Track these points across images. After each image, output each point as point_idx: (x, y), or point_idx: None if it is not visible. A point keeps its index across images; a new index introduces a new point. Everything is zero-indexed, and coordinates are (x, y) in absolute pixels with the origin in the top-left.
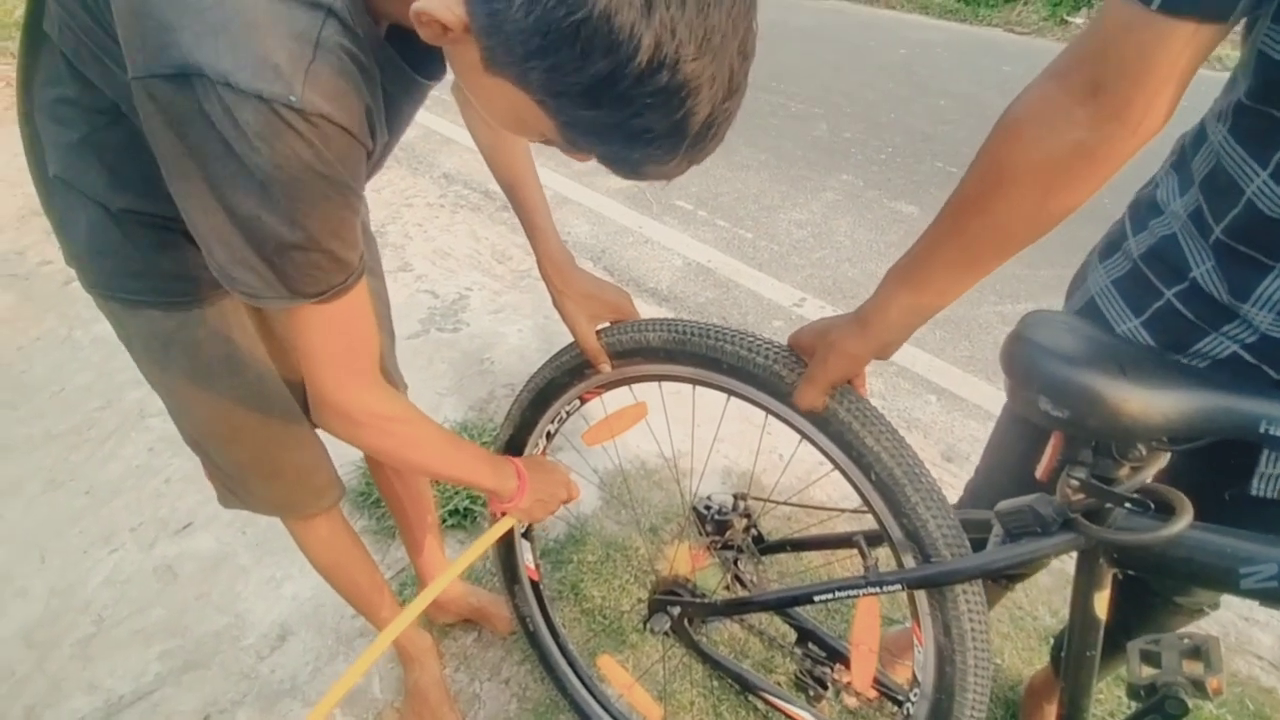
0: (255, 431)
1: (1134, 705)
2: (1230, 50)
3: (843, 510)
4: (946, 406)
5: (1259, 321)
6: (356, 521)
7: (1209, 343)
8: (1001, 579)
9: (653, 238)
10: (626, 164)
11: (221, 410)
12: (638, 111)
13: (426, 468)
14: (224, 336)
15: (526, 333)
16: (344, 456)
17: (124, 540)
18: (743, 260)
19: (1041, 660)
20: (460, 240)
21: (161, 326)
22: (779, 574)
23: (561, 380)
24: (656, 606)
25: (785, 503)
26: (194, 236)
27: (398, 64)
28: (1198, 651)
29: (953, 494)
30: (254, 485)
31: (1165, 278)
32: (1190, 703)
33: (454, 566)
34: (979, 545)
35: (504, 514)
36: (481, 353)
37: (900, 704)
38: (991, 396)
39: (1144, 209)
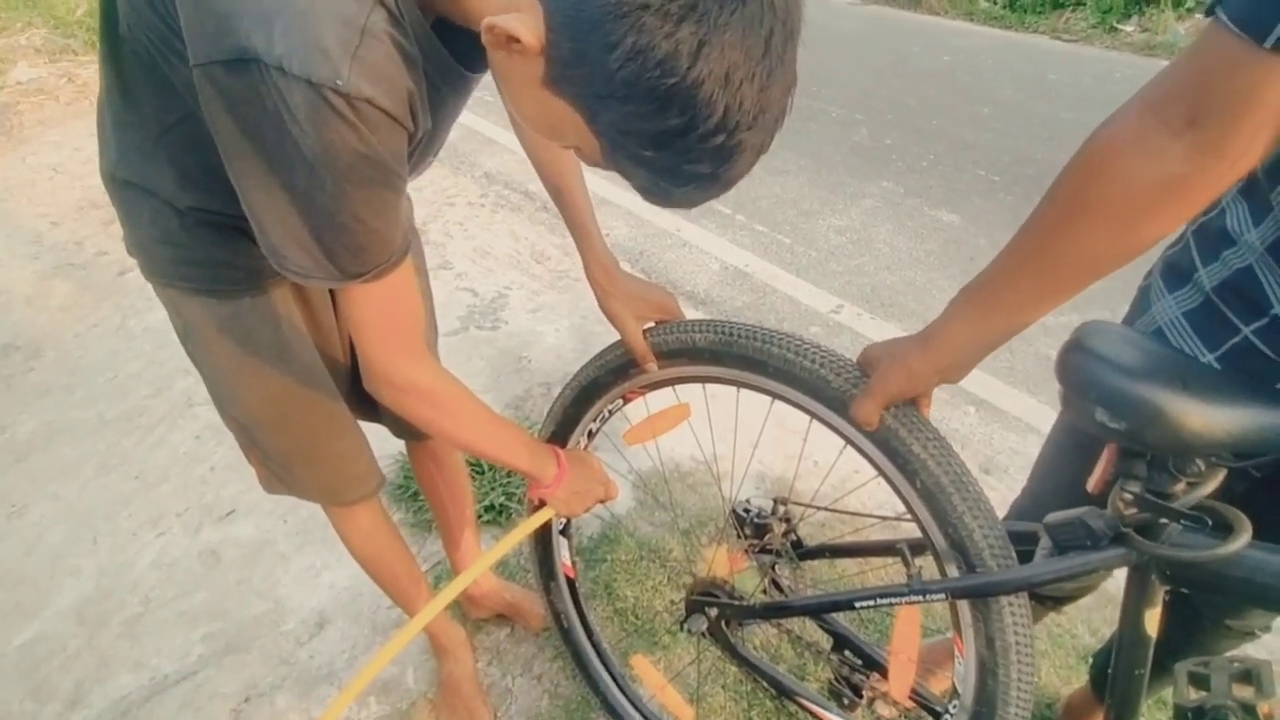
0: (300, 417)
1: None
2: None
3: (883, 518)
4: (985, 418)
5: None
6: (394, 514)
7: None
8: (1049, 601)
9: (691, 241)
10: (663, 195)
11: (269, 396)
12: (692, 160)
13: (467, 442)
14: (274, 325)
15: (564, 332)
16: (384, 450)
17: (171, 524)
18: (780, 265)
19: (1080, 679)
20: (500, 239)
21: (216, 313)
22: (814, 582)
23: (605, 379)
24: (694, 607)
25: (826, 508)
26: (249, 217)
27: (442, 55)
28: (1249, 675)
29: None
30: (297, 470)
31: (1243, 313)
32: None
33: (489, 554)
34: (1025, 558)
35: (541, 504)
36: (519, 351)
37: (938, 716)
38: (1032, 409)
39: (1213, 237)
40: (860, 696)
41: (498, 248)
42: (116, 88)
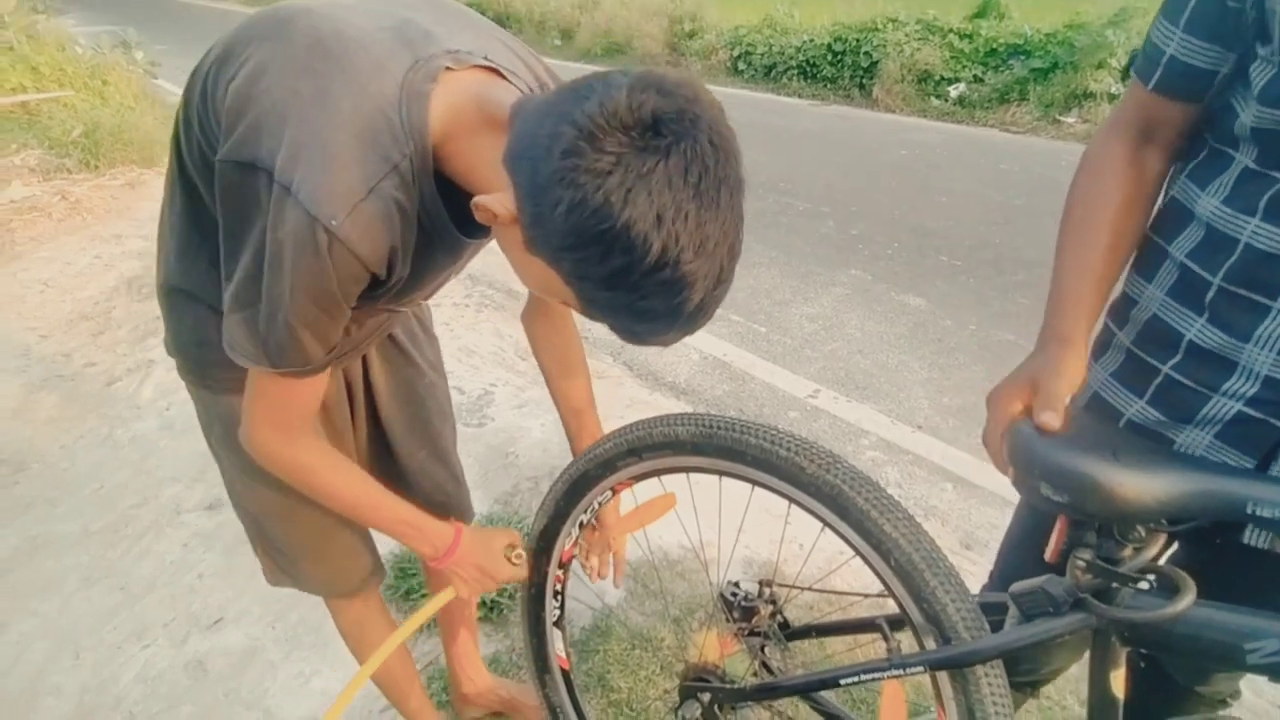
0: (310, 511)
1: None
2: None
3: (863, 595)
4: (963, 494)
5: (1259, 364)
6: None
7: (1213, 406)
8: (1026, 687)
9: None
10: (631, 333)
11: (283, 489)
12: (644, 296)
13: (345, 515)
14: None
15: (549, 427)
16: (383, 546)
17: (156, 636)
18: (757, 354)
19: None
20: (485, 338)
21: (240, 410)
22: (804, 662)
23: (594, 473)
24: (687, 693)
25: (809, 589)
26: (224, 294)
27: (443, 220)
28: None
29: (974, 581)
30: (303, 563)
31: (1159, 354)
32: None
33: (399, 632)
34: (999, 627)
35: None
36: (506, 447)
37: None
38: (1007, 484)
39: (1120, 308)
40: None
41: (483, 346)
42: (176, 201)
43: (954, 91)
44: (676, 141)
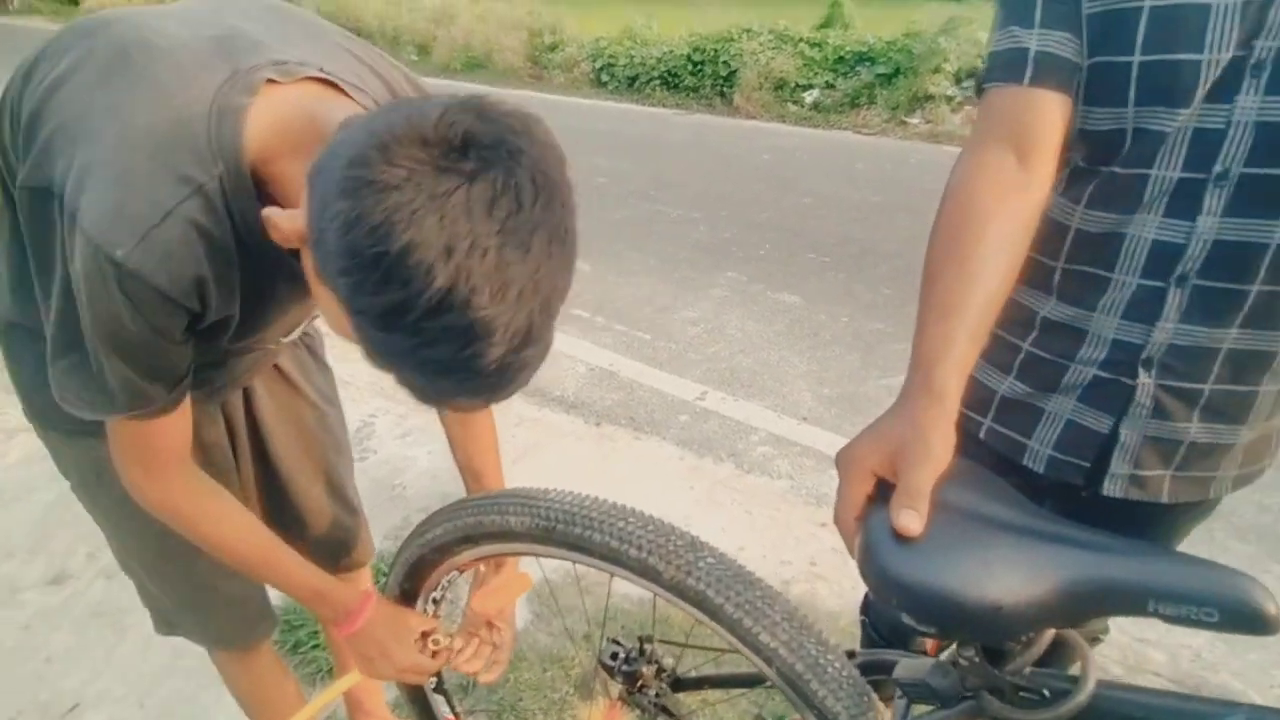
0: (184, 558)
1: None
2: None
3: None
4: None
5: (1105, 330)
6: None
7: (1071, 374)
8: None
9: (555, 347)
10: (417, 390)
11: (150, 537)
12: (427, 343)
13: (236, 568)
14: None
15: (437, 454)
16: (274, 593)
17: None
18: (644, 361)
19: None
20: (360, 367)
21: (96, 454)
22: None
23: (431, 557)
24: None
25: (694, 646)
26: (47, 339)
27: (273, 249)
28: None
29: None
30: (184, 613)
31: (1018, 333)
32: None
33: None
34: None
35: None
36: (392, 479)
37: None
38: None
39: None
40: None
41: (359, 375)
42: (3, 227)
43: (809, 97)
44: (485, 169)
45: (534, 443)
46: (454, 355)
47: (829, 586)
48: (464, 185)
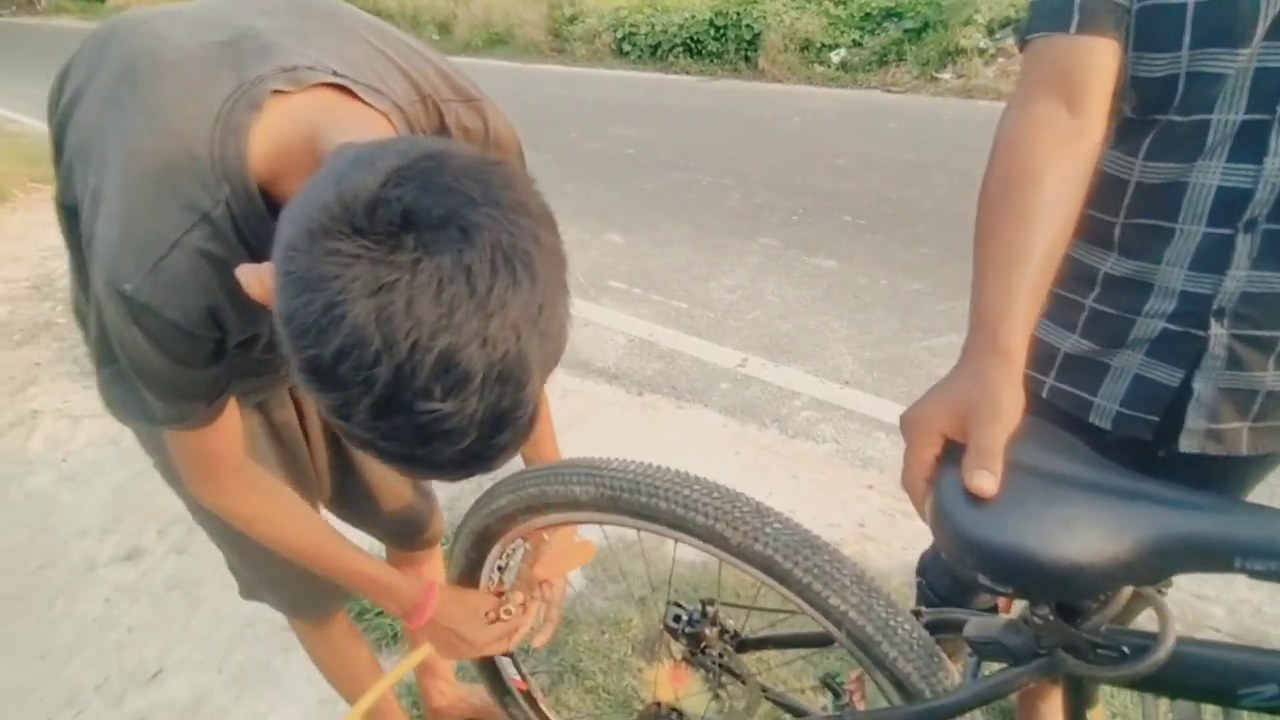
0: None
1: None
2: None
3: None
4: (896, 441)
5: (1173, 282)
6: None
7: (1139, 328)
8: None
9: (593, 320)
10: (394, 468)
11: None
12: (381, 437)
13: (298, 563)
14: None
15: None
16: None
17: (89, 700)
18: (681, 330)
19: None
20: None
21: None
22: (765, 663)
23: (496, 527)
24: None
25: (760, 608)
26: None
27: None
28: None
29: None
30: (263, 585)
31: (1080, 290)
32: None
33: (370, 693)
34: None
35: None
36: None
37: None
38: None
39: None
40: None
41: None
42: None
43: (836, 57)
44: (428, 254)
45: (578, 414)
46: (410, 451)
47: (878, 548)
48: (404, 277)
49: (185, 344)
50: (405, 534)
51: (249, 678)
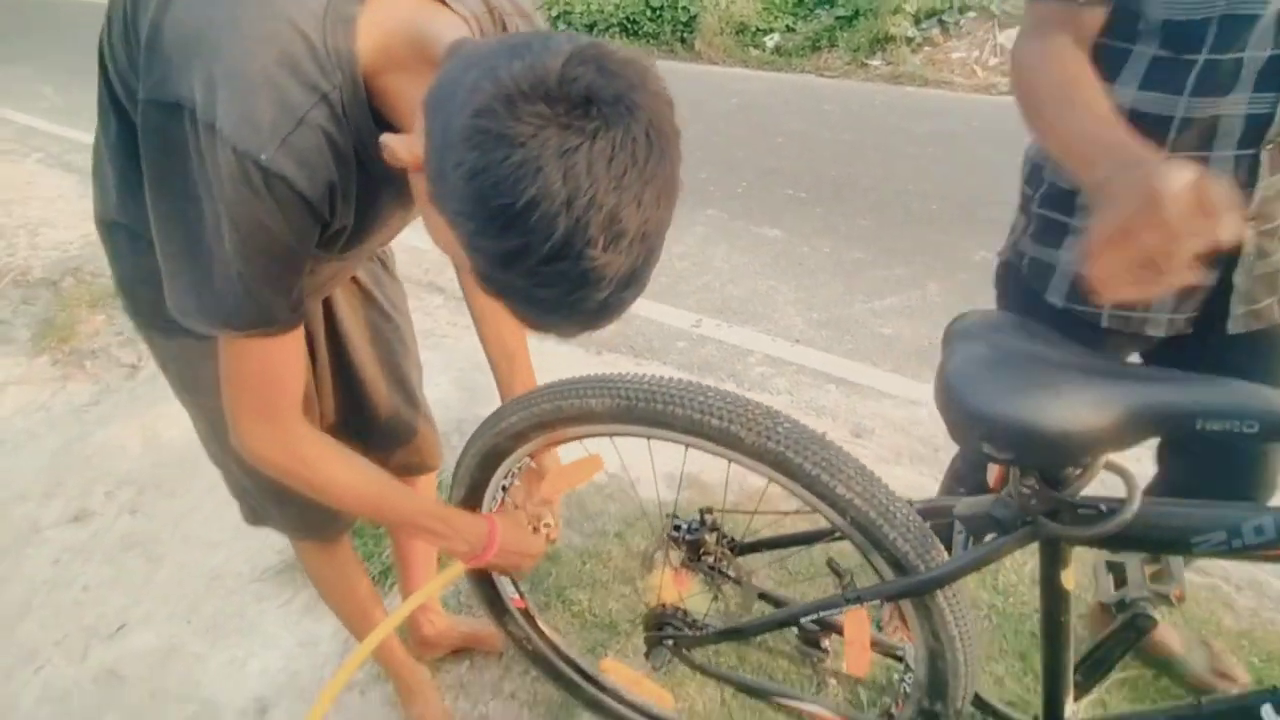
0: None
1: None
2: None
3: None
4: (845, 392)
5: None
6: None
7: None
8: None
9: None
10: (524, 319)
11: None
12: (541, 284)
13: (357, 515)
14: None
15: (445, 386)
16: None
17: (49, 655)
18: None
19: None
20: None
21: (194, 352)
22: (765, 563)
23: (505, 445)
24: (653, 642)
25: (752, 512)
26: (157, 247)
27: (379, 159)
28: (1157, 561)
29: (866, 459)
30: (270, 505)
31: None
32: (1157, 615)
33: (409, 603)
34: (945, 529)
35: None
36: None
37: (900, 659)
38: (879, 379)
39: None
40: (827, 652)
41: None
42: (110, 128)
43: (770, 41)
44: (606, 127)
45: (538, 371)
46: (563, 297)
47: None
48: (586, 143)
49: (306, 219)
50: (407, 458)
51: (222, 627)
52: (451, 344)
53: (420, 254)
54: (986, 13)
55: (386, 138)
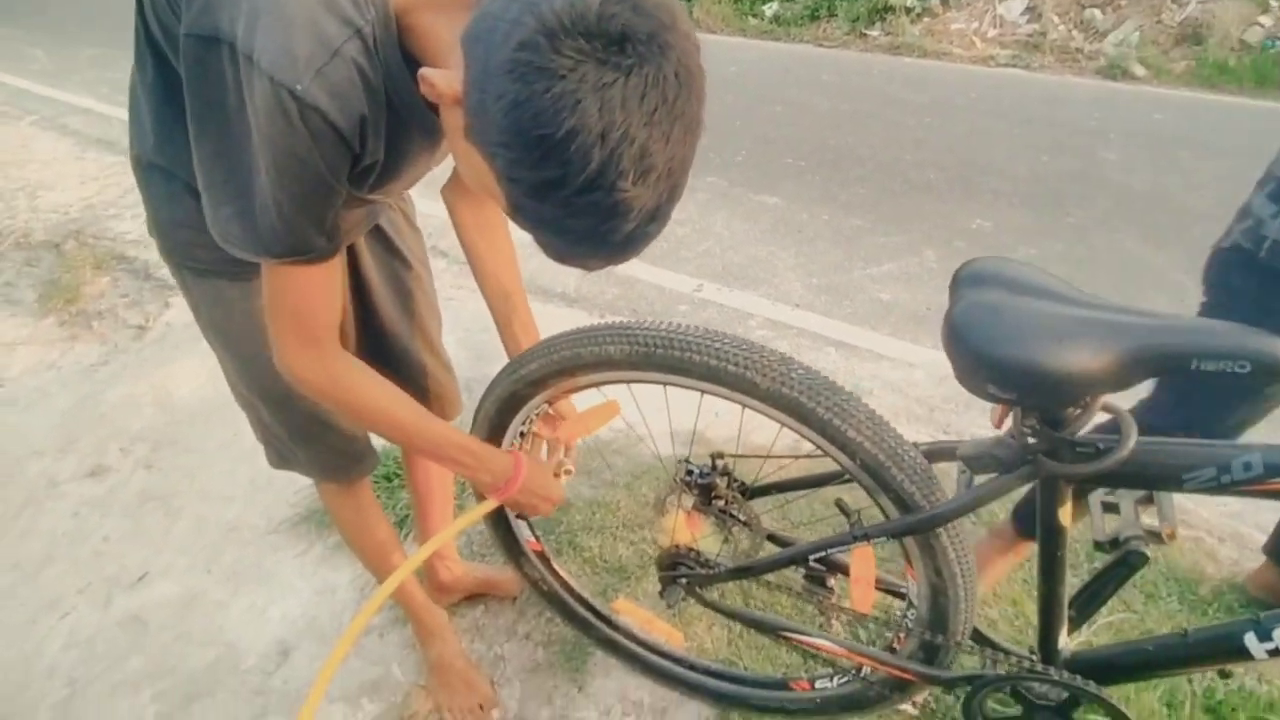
0: (301, 396)
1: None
2: None
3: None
4: (844, 355)
5: None
6: None
7: None
8: None
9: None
10: (552, 250)
11: (274, 374)
12: (572, 214)
13: (390, 438)
14: None
15: (452, 346)
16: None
17: (74, 603)
18: (638, 258)
19: None
20: None
21: (226, 294)
22: (775, 505)
23: (524, 391)
24: (666, 581)
25: (762, 455)
26: (199, 177)
27: (412, 96)
28: (1150, 499)
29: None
30: (297, 448)
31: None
32: (1149, 552)
33: (432, 542)
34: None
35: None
36: None
37: (903, 596)
38: (877, 341)
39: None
40: (833, 591)
41: None
42: (147, 68)
43: (769, 10)
44: (640, 64)
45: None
46: (593, 227)
47: None
48: (621, 78)
49: (338, 150)
50: (429, 406)
51: (243, 574)
52: (457, 306)
53: (423, 219)
54: None
55: (426, 71)
